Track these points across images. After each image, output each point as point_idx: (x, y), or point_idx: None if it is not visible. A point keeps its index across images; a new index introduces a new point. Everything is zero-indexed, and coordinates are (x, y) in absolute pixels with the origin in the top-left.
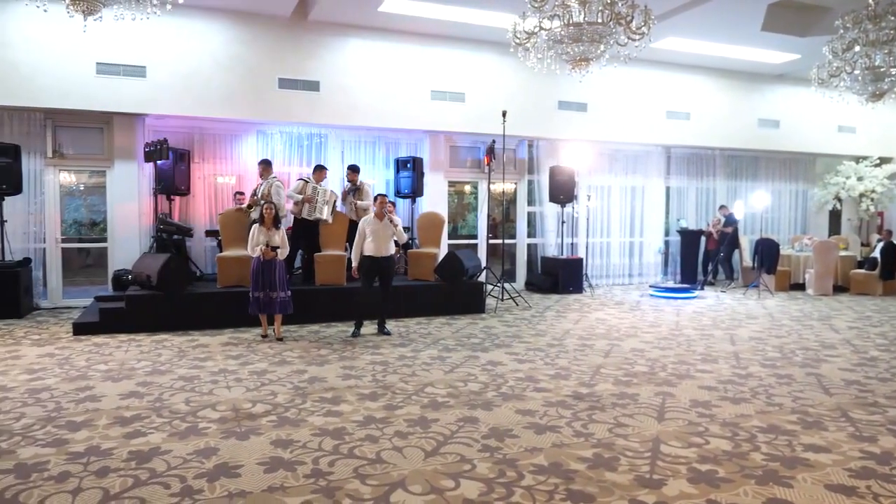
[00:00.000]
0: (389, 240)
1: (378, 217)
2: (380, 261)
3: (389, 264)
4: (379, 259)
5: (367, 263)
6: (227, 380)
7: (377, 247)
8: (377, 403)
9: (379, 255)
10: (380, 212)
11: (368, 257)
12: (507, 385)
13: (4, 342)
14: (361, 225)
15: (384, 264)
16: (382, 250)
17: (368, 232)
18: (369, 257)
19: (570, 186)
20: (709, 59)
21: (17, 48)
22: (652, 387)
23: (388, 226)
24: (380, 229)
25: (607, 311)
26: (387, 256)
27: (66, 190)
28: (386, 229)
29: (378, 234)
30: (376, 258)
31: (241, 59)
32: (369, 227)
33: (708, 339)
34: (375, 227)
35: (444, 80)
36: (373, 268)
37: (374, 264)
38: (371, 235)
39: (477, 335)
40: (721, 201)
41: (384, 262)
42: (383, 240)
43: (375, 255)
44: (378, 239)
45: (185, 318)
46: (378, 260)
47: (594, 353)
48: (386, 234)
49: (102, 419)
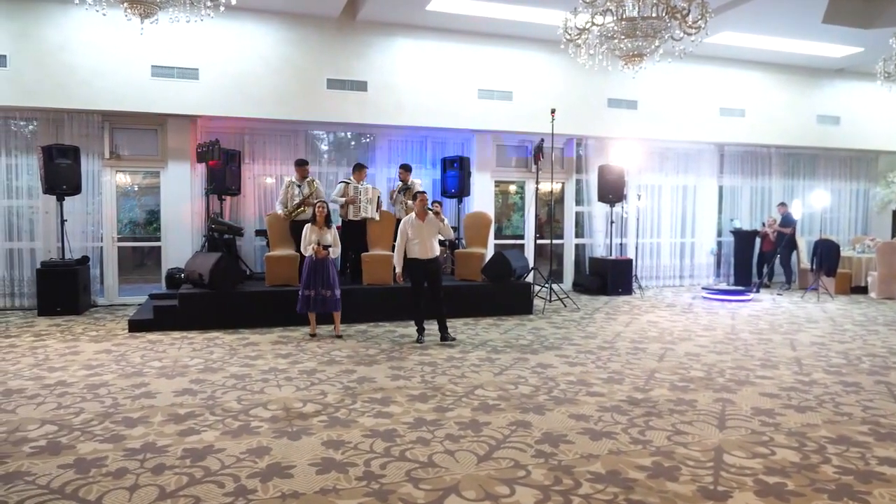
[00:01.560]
0: (434, 240)
1: (419, 217)
2: (426, 263)
3: (436, 266)
4: (425, 262)
5: (413, 267)
6: (277, 378)
7: (422, 248)
8: (427, 405)
9: (424, 258)
10: (421, 211)
11: (413, 260)
12: (559, 388)
13: (64, 338)
14: (402, 226)
15: (431, 267)
16: (428, 252)
17: (411, 233)
18: (414, 260)
19: (619, 186)
20: (764, 53)
21: (75, 52)
22: (710, 393)
23: (431, 225)
24: (423, 229)
25: (659, 313)
26: (432, 258)
27: (121, 190)
28: (429, 229)
29: (421, 234)
30: (421, 261)
31: (290, 60)
32: (411, 228)
33: (766, 344)
34: (417, 227)
35: (492, 78)
36: (419, 271)
37: (420, 268)
38: (414, 237)
39: (525, 336)
40: (776, 200)
41: (430, 264)
42: (427, 240)
43: (420, 258)
44: (422, 240)
45: (236, 316)
46: (424, 262)
47: (647, 356)
48: (430, 234)
49: (157, 416)
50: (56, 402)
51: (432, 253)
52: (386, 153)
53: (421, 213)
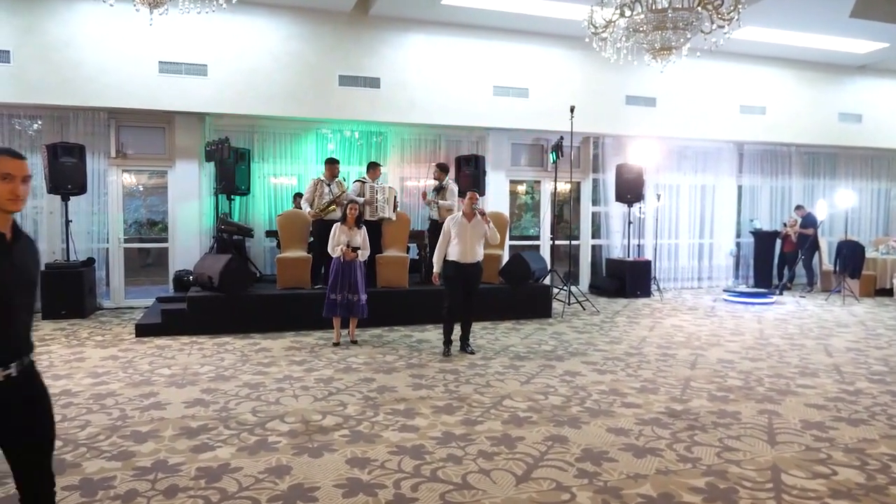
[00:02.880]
0: (479, 243)
1: (466, 216)
2: (466, 268)
3: (476, 272)
4: (465, 266)
5: (451, 270)
6: (293, 388)
7: (463, 251)
8: (454, 417)
9: (465, 261)
10: (469, 210)
11: (452, 263)
12: (591, 399)
13: (69, 343)
14: (446, 225)
15: (471, 271)
16: (469, 255)
17: (454, 233)
18: (453, 263)
19: (638, 185)
20: (786, 49)
21: (80, 48)
22: (752, 404)
23: (478, 226)
24: (468, 231)
25: (682, 316)
26: (474, 263)
27: (127, 190)
28: (474, 231)
29: (465, 236)
30: (461, 264)
31: (301, 57)
32: (455, 227)
33: (800, 350)
34: (462, 228)
35: (508, 75)
36: (458, 275)
37: (460, 271)
38: (457, 237)
39: (548, 342)
40: (796, 200)
41: (471, 269)
42: (471, 243)
43: (461, 261)
44: (465, 242)
45: (247, 320)
46: (464, 267)
47: (678, 363)
48: (474, 237)
49: (168, 429)
50: (60, 415)
51: (473, 257)
52: (398, 152)
53: (469, 212)
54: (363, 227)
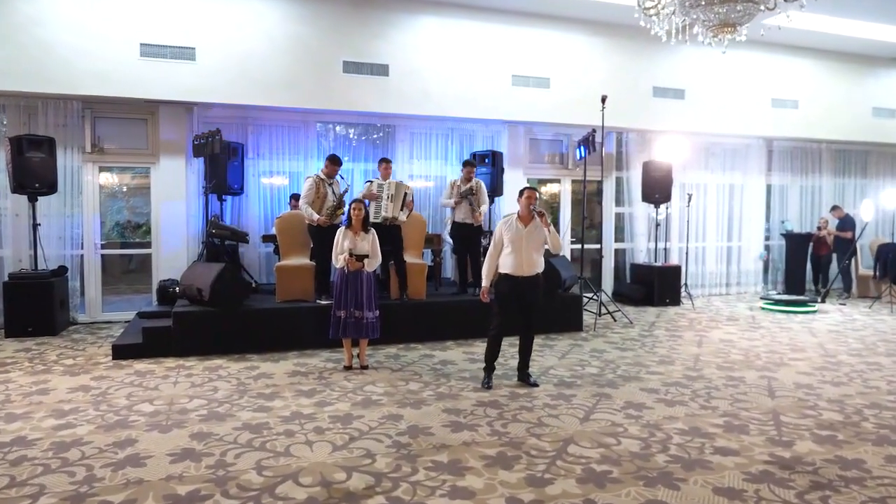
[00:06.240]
0: (537, 252)
1: (523, 220)
2: (521, 282)
3: (535, 286)
4: (520, 280)
5: (504, 285)
6: (304, 430)
7: (518, 261)
8: (514, 474)
9: (519, 274)
10: (526, 213)
11: (506, 276)
12: (674, 443)
13: (34, 368)
14: (498, 231)
15: (527, 286)
16: (526, 267)
17: (507, 240)
18: (507, 276)
19: (666, 184)
20: (820, 38)
21: (50, 27)
22: (869, 446)
23: (535, 232)
24: (523, 237)
25: (725, 328)
26: (531, 276)
27: (107, 190)
28: (532, 237)
29: (520, 243)
30: (516, 278)
31: (300, 40)
32: (509, 233)
33: (879, 370)
34: (517, 233)
35: (527, 63)
36: (512, 291)
37: (515, 287)
38: (510, 245)
39: (590, 362)
40: (826, 200)
41: (527, 283)
42: (528, 252)
43: (515, 274)
44: (520, 251)
45: (242, 339)
46: (519, 281)
47: (753, 390)
48: (531, 245)
49: (149, 498)
50: (8, 476)
51: (531, 269)
52: (407, 146)
53: (525, 215)
54: (371, 231)
